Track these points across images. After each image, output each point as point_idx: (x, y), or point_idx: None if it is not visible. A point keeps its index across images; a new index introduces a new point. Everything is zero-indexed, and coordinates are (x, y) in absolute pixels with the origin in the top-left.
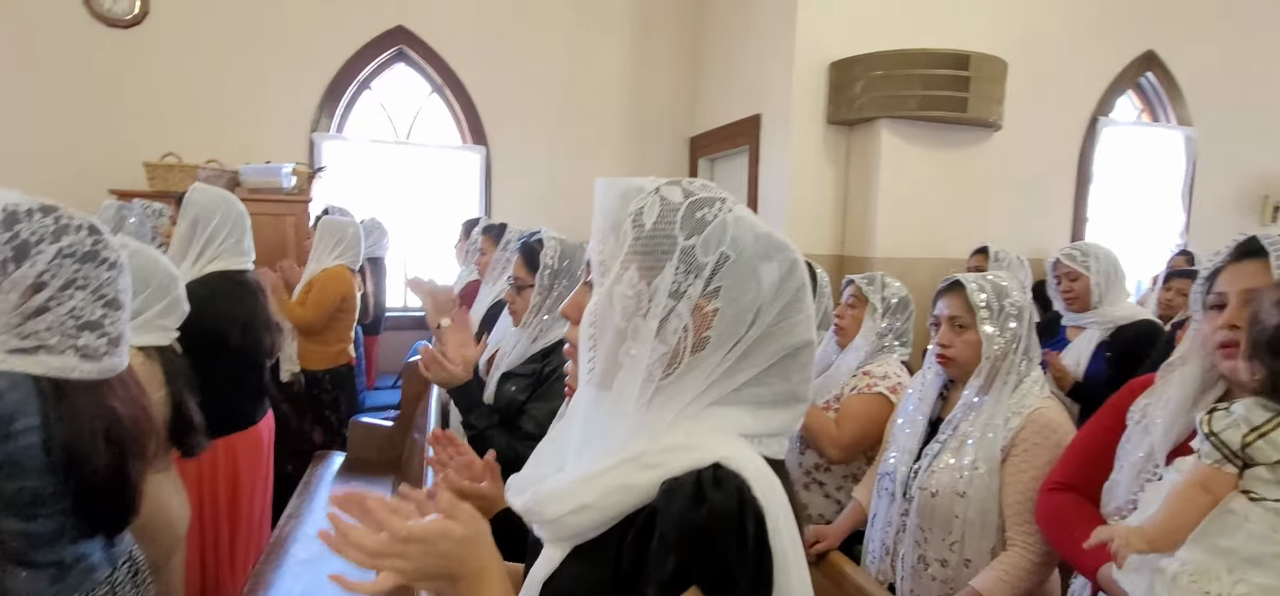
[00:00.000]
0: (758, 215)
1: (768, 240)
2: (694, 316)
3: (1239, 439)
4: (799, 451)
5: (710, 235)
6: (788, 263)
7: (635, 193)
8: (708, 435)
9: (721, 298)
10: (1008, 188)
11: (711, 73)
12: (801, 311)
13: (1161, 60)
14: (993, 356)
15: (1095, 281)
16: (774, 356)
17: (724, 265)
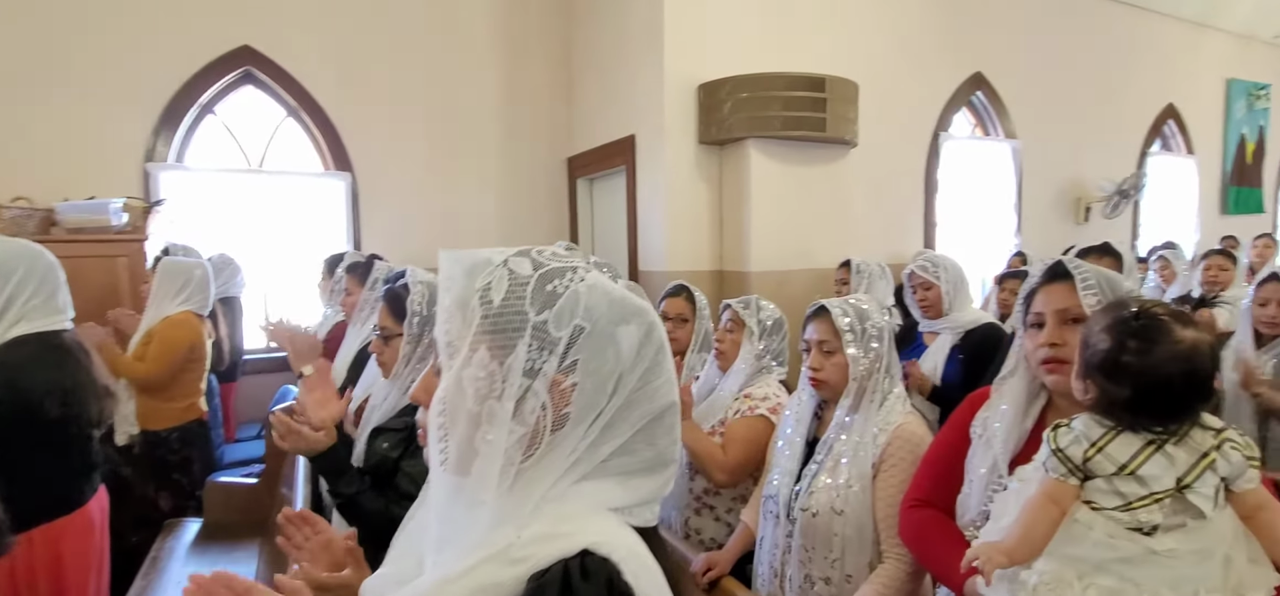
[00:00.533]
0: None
1: (623, 305)
2: (552, 393)
3: (1081, 453)
4: (688, 477)
5: (563, 308)
6: (645, 326)
7: (482, 267)
8: (574, 517)
9: (579, 371)
10: (866, 200)
11: (586, 93)
12: (662, 373)
13: (988, 80)
14: (859, 377)
15: (945, 290)
16: (639, 423)
17: (579, 337)
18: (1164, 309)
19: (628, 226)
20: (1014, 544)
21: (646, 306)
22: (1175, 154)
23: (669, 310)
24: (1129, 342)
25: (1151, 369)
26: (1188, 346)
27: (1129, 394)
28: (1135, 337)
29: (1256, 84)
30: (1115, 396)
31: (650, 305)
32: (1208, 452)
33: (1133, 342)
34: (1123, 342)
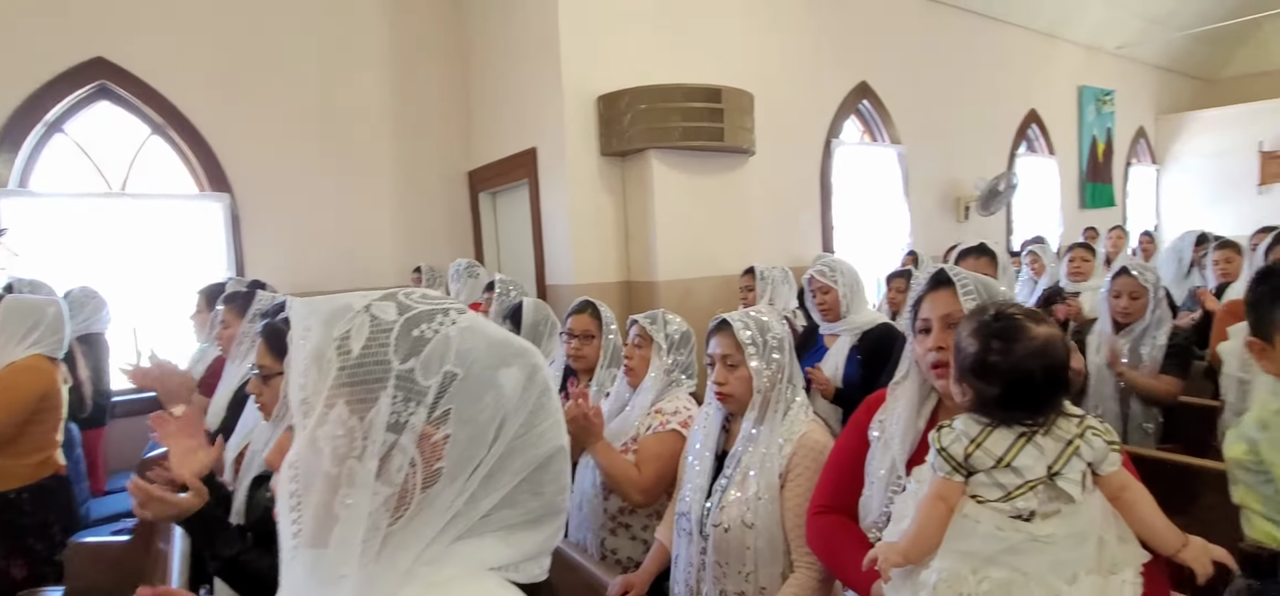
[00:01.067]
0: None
1: (504, 347)
2: (421, 448)
3: (962, 451)
4: (603, 497)
5: (431, 354)
6: (528, 367)
7: (341, 314)
8: (451, 583)
9: (452, 421)
10: (765, 206)
11: (485, 106)
12: (548, 417)
13: (873, 90)
14: (763, 389)
15: (843, 293)
16: (523, 471)
17: (452, 385)
18: (1019, 310)
19: (533, 240)
20: (909, 543)
21: (529, 347)
22: (1039, 155)
23: (574, 327)
24: (993, 343)
25: (1014, 366)
26: (1042, 341)
27: (998, 391)
28: (997, 338)
29: (1103, 90)
30: (987, 395)
31: (533, 346)
32: (1072, 440)
33: (996, 343)
34: (987, 344)
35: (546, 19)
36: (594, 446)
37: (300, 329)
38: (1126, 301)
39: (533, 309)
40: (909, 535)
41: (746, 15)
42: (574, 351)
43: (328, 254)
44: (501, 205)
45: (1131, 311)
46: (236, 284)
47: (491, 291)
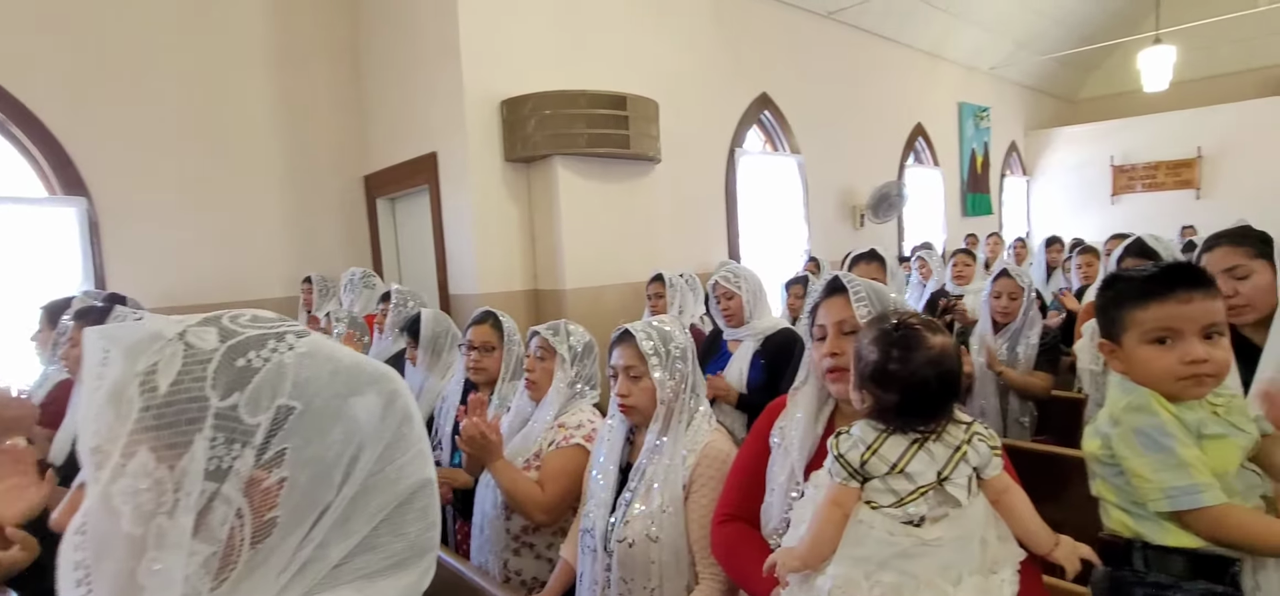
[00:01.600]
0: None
1: (354, 373)
2: (250, 496)
3: (859, 457)
4: (504, 517)
5: (260, 386)
6: (385, 393)
7: (147, 344)
8: None
9: (288, 463)
10: (672, 213)
11: (381, 108)
12: (410, 447)
13: (773, 100)
14: (667, 400)
15: (746, 299)
16: (383, 511)
17: (288, 420)
18: (918, 319)
19: (435, 248)
20: (807, 549)
21: (386, 371)
22: (925, 166)
23: (475, 338)
24: (893, 352)
25: (912, 374)
26: (938, 350)
27: (897, 398)
28: (897, 347)
29: (980, 107)
30: (886, 402)
31: (392, 371)
32: (961, 446)
33: (895, 352)
34: (888, 353)
35: (445, 20)
36: (493, 464)
37: (95, 363)
38: (1006, 301)
39: (432, 320)
40: (806, 541)
41: (650, 25)
42: (474, 364)
43: (204, 265)
44: (401, 212)
45: (1010, 311)
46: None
47: (387, 302)
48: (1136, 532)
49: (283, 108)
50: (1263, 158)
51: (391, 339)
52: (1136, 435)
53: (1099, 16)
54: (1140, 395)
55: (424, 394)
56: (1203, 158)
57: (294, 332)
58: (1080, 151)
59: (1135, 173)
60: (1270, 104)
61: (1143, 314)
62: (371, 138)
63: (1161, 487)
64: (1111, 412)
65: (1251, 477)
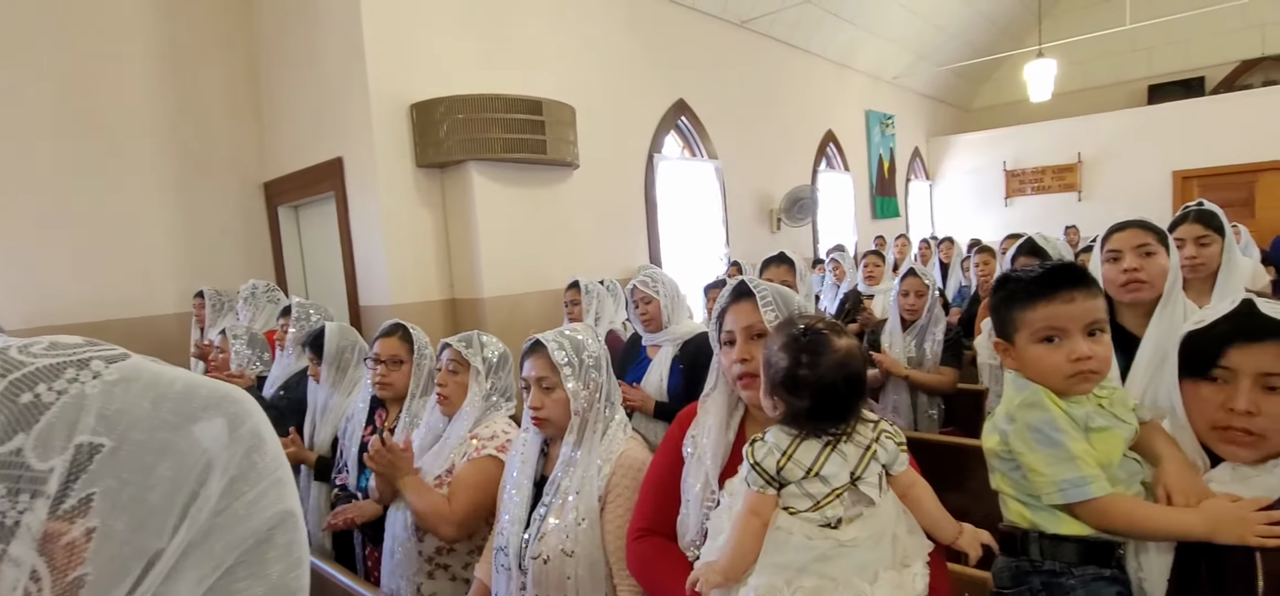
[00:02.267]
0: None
1: (186, 398)
2: (48, 554)
3: (774, 464)
4: (416, 539)
5: (52, 424)
6: (230, 417)
7: None
8: None
9: (97, 510)
10: (592, 220)
11: (281, 111)
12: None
13: (690, 106)
14: (581, 411)
15: (664, 303)
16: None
17: (93, 460)
18: (824, 323)
19: (344, 258)
20: (728, 561)
21: (230, 392)
22: (837, 171)
23: (381, 352)
24: (801, 358)
25: (821, 378)
26: (844, 353)
27: (809, 403)
28: (805, 353)
29: (886, 114)
30: (798, 407)
31: (240, 392)
32: (871, 445)
33: (805, 357)
34: (797, 359)
35: (349, 18)
36: (402, 482)
37: None
38: (913, 298)
39: (336, 334)
40: (726, 553)
41: (565, 30)
42: (381, 379)
43: (82, 279)
44: (306, 220)
45: (917, 309)
46: None
47: (288, 317)
48: (1033, 523)
49: (171, 107)
50: (1133, 163)
51: (294, 356)
52: (1031, 431)
53: (989, 31)
54: (1033, 392)
55: (329, 412)
56: (1083, 163)
57: (103, 358)
58: (976, 157)
59: (1025, 177)
60: (1137, 113)
61: (1031, 314)
62: (271, 142)
63: (1054, 481)
64: (1007, 409)
65: (1132, 465)
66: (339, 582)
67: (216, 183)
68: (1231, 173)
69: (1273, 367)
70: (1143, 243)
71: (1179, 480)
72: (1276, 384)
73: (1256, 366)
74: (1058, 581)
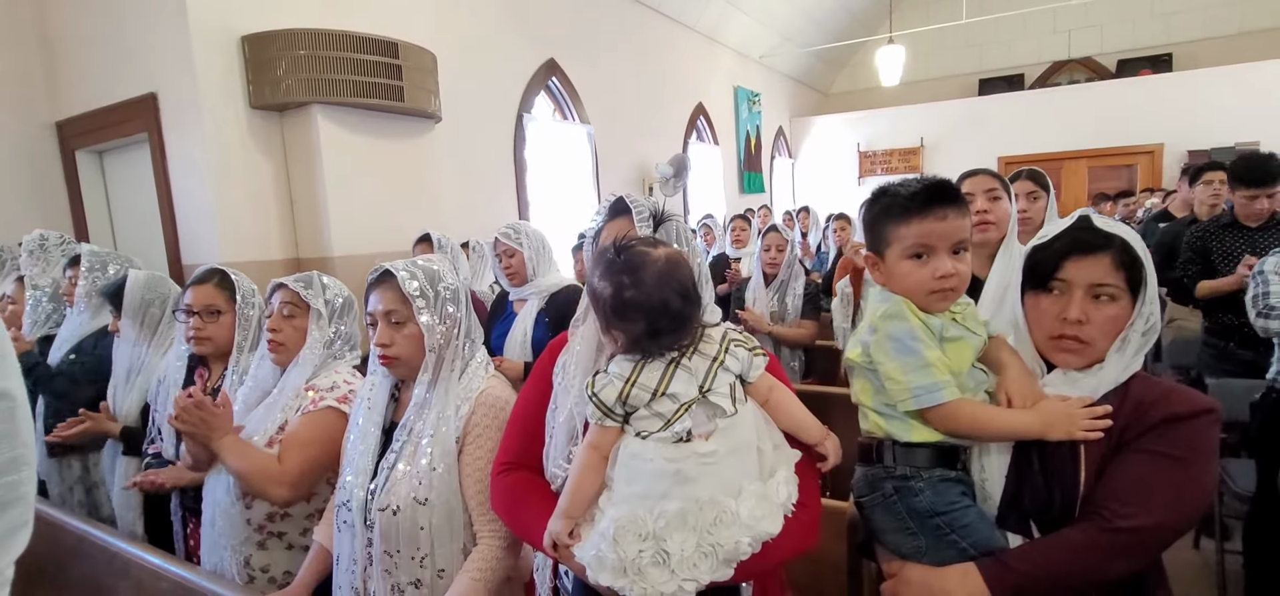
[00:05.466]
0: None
1: None
2: None
3: (615, 394)
4: (243, 505)
5: None
6: None
7: None
8: None
9: None
10: (455, 177)
11: (71, 38)
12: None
13: (562, 68)
14: (437, 347)
15: (529, 256)
16: None
17: None
18: (638, 240)
19: (161, 210)
20: (569, 501)
21: None
22: (707, 143)
23: (194, 301)
24: (624, 280)
25: (649, 294)
26: (665, 263)
27: (643, 325)
28: (625, 273)
29: (753, 92)
30: (634, 332)
31: None
32: (718, 356)
33: (626, 279)
34: (620, 282)
35: None
36: (219, 443)
37: None
38: (774, 253)
39: (141, 284)
40: (568, 492)
41: None
42: (196, 332)
43: None
44: (113, 165)
45: (777, 262)
46: None
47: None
48: (887, 431)
49: None
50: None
51: (88, 312)
52: (891, 341)
53: (845, 18)
54: (895, 303)
55: (141, 374)
56: (925, 147)
57: None
58: (833, 138)
59: (876, 158)
60: (970, 103)
61: (904, 229)
62: (63, 74)
63: (908, 387)
64: (871, 320)
65: (979, 375)
66: (149, 564)
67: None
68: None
69: (1103, 279)
70: (991, 188)
71: (1018, 385)
72: (1102, 294)
73: (1089, 277)
74: (908, 484)
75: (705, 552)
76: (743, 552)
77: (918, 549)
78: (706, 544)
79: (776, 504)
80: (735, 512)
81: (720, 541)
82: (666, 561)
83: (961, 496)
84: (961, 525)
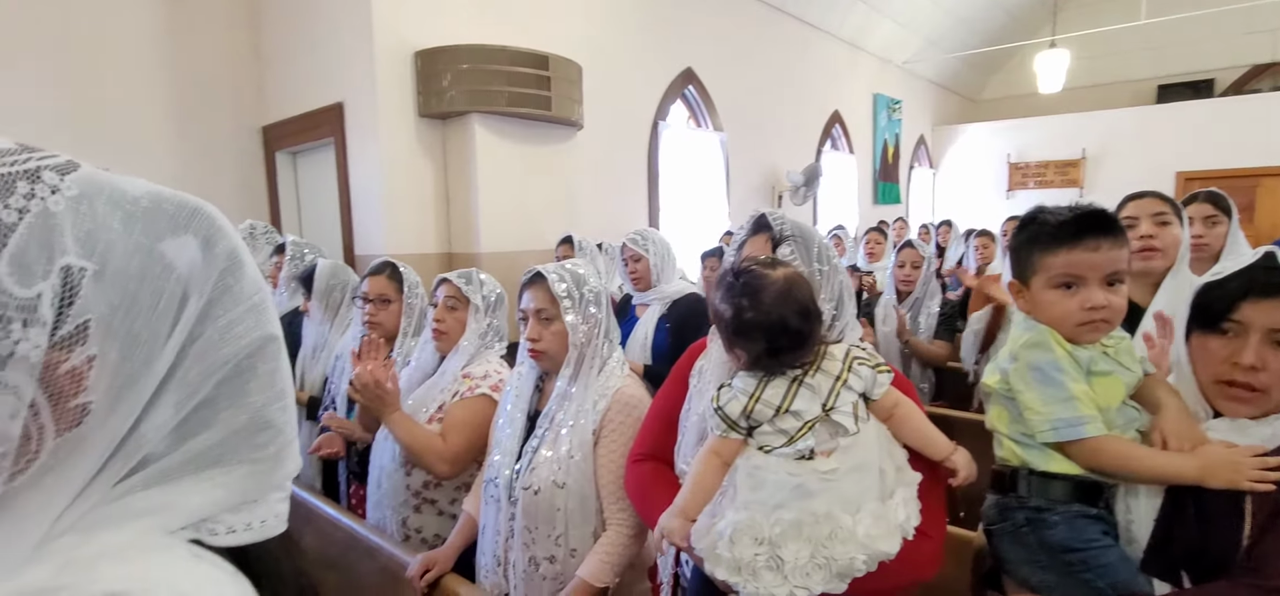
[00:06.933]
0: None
1: (155, 214)
2: (47, 383)
3: (740, 409)
4: (404, 472)
5: (25, 246)
6: (202, 236)
7: None
8: (101, 560)
9: (94, 336)
10: (592, 182)
11: (281, 53)
12: (240, 301)
13: (698, 76)
14: (579, 344)
15: (654, 262)
16: (211, 379)
17: (81, 284)
18: (756, 262)
19: (340, 206)
20: (685, 501)
21: (199, 206)
22: (841, 152)
23: (370, 290)
24: (742, 302)
25: (768, 314)
26: (784, 281)
27: (764, 344)
28: (744, 295)
29: (893, 99)
30: (755, 351)
31: (207, 205)
32: (841, 374)
33: (745, 300)
34: (739, 303)
35: None
36: (389, 417)
37: None
38: (909, 269)
39: (328, 271)
40: (686, 495)
41: None
42: (369, 317)
43: None
44: (304, 166)
45: (912, 279)
46: None
47: (282, 254)
48: (1023, 460)
49: (170, 47)
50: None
51: (287, 294)
52: (1031, 370)
53: (1002, 20)
54: (1039, 332)
55: (323, 350)
56: (1087, 159)
57: (53, 168)
58: (981, 147)
59: (1028, 170)
60: (1145, 112)
61: (1052, 259)
62: (271, 85)
63: (1049, 419)
64: (1012, 349)
65: (1130, 413)
66: (325, 514)
67: (214, 123)
68: (1235, 176)
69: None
70: (1159, 211)
71: (1176, 425)
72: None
73: (1268, 321)
74: (1042, 516)
75: (819, 564)
76: (857, 569)
77: (1046, 584)
78: (821, 556)
79: (894, 525)
80: (851, 529)
81: (835, 555)
82: (780, 567)
83: (1103, 535)
84: (1099, 564)
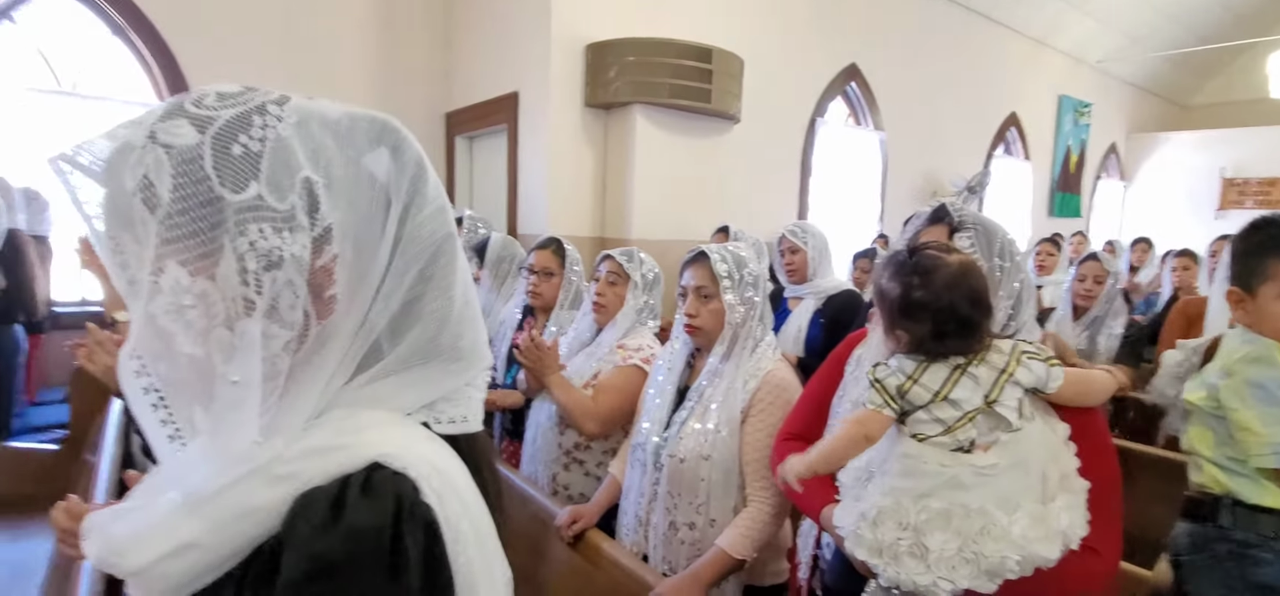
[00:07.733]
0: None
1: (353, 131)
2: (310, 280)
3: (897, 384)
4: (558, 431)
5: (274, 167)
6: (391, 145)
7: (124, 156)
8: (366, 428)
9: (336, 236)
10: (746, 176)
11: (467, 44)
12: (428, 203)
13: (862, 73)
14: (734, 324)
15: (811, 256)
16: (412, 268)
17: (321, 195)
18: (931, 244)
19: (508, 187)
20: (816, 457)
21: (387, 121)
22: (1015, 158)
23: (536, 263)
24: (913, 280)
25: (938, 296)
26: (958, 267)
27: (930, 326)
28: (916, 274)
29: (1082, 102)
30: (919, 333)
31: (391, 120)
32: (1006, 367)
33: (916, 280)
34: (909, 281)
35: None
36: (549, 379)
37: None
38: (1090, 284)
39: (500, 244)
40: (821, 450)
41: None
42: (533, 288)
43: None
44: (478, 150)
45: (1093, 294)
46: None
47: (460, 226)
48: (1228, 489)
49: (375, 38)
50: None
51: None
52: (1251, 386)
53: (1223, 17)
54: (1263, 346)
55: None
56: None
57: (273, 102)
58: (1187, 160)
59: (1247, 188)
60: None
61: None
62: (456, 74)
63: (1270, 441)
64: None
65: None
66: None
67: (408, 110)
68: None
69: None
70: None
71: None
72: None
73: None
74: (1250, 552)
75: (966, 559)
76: (1009, 570)
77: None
78: (969, 551)
79: (1055, 529)
80: (1005, 528)
81: (985, 552)
82: (924, 555)
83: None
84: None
